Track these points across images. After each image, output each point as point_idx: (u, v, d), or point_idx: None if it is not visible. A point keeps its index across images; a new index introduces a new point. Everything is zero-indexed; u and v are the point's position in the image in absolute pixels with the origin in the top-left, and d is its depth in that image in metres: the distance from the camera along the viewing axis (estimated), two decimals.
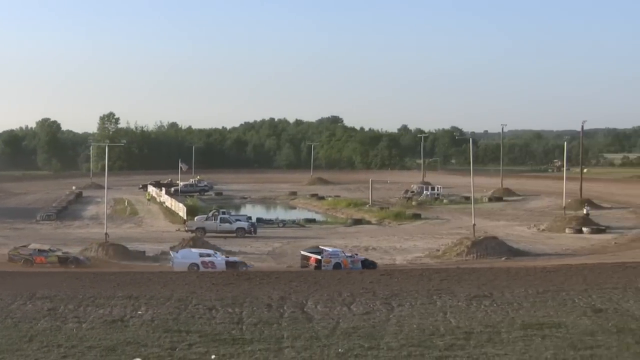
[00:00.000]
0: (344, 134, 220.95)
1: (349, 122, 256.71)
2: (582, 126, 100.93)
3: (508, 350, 18.33)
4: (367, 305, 25.51)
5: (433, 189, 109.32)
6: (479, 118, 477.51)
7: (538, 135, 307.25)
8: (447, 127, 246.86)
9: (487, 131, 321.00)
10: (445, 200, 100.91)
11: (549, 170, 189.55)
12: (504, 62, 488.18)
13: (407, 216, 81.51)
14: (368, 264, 46.20)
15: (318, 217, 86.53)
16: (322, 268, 44.66)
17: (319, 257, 45.88)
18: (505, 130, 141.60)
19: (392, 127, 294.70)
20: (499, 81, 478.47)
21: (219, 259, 46.10)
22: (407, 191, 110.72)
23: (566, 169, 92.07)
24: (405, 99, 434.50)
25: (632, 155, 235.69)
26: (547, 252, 56.16)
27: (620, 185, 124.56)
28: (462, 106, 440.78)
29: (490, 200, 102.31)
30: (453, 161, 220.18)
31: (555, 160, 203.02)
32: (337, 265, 45.37)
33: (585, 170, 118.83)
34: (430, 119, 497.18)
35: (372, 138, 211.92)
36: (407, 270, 42.11)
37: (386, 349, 18.32)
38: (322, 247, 49.24)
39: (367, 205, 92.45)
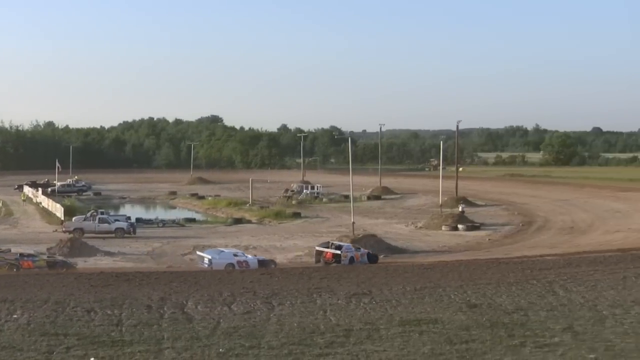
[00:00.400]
0: (224, 134, 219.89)
1: (228, 121, 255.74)
2: (457, 126, 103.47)
3: (387, 347, 18.59)
4: (248, 305, 25.46)
5: (313, 187, 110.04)
6: (358, 118, 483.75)
7: (415, 134, 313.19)
8: (326, 126, 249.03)
9: (365, 131, 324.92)
10: (324, 199, 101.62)
11: (426, 169, 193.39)
12: (383, 63, 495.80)
13: (287, 215, 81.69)
14: (372, 257, 48.69)
15: (198, 217, 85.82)
16: (341, 262, 46.73)
17: (337, 251, 47.97)
18: (384, 129, 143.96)
19: (271, 126, 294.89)
20: (378, 81, 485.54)
21: (252, 258, 46.94)
22: (287, 190, 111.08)
23: (442, 168, 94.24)
24: (285, 99, 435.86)
25: (505, 155, 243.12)
26: (425, 249, 57.33)
27: (493, 184, 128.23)
28: (342, 106, 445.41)
29: (369, 198, 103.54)
30: (332, 160, 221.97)
31: (431, 159, 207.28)
32: (352, 259, 47.47)
33: (460, 169, 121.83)
34: (309, 118, 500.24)
35: (252, 137, 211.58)
36: (287, 269, 42.23)
37: (267, 348, 18.34)
38: (336, 242, 51.21)
39: (248, 205, 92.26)
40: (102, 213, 69.82)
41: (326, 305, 25.36)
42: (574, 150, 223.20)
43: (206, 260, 45.78)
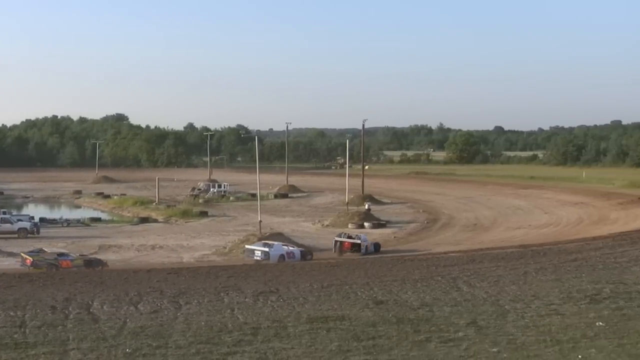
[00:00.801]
0: (130, 132, 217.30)
1: (134, 120, 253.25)
2: (363, 125, 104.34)
3: (294, 344, 18.61)
4: (155, 304, 25.16)
5: (220, 186, 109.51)
6: (265, 117, 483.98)
7: (322, 133, 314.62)
8: (233, 125, 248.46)
9: (272, 129, 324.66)
10: (231, 198, 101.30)
11: (332, 167, 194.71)
12: (289, 63, 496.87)
13: (194, 214, 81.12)
14: (377, 246, 53.57)
15: (104, 216, 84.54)
16: (361, 251, 51.72)
17: (357, 241, 53.07)
18: (290, 128, 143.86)
19: (178, 125, 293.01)
20: (284, 81, 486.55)
21: (296, 250, 50.11)
22: (194, 189, 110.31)
23: (348, 166, 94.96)
24: (192, 98, 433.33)
25: (410, 153, 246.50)
26: (332, 247, 57.52)
27: (399, 182, 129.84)
28: (248, 105, 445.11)
29: (276, 197, 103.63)
30: (239, 159, 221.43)
31: (338, 158, 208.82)
32: (366, 248, 52.74)
33: (366, 167, 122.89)
34: (216, 117, 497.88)
35: (158, 136, 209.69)
36: (194, 268, 41.90)
37: (174, 347, 18.15)
38: (350, 233, 56.72)
39: (154, 204, 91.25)
40: (4, 213, 68.12)
41: (234, 303, 25.24)
42: (477, 149, 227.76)
43: (259, 254, 47.76)
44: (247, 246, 51.44)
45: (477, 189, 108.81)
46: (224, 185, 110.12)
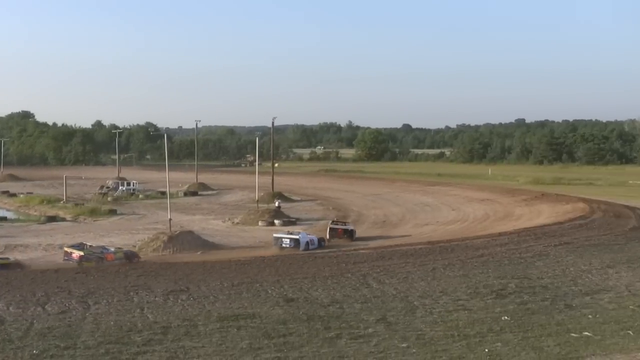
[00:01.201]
0: (36, 130, 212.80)
1: (41, 117, 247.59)
2: (273, 123, 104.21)
3: (205, 343, 18.54)
4: (63, 305, 24.71)
5: (129, 184, 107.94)
6: (174, 114, 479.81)
7: (231, 131, 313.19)
8: (142, 122, 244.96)
9: (181, 127, 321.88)
10: (141, 196, 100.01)
11: (242, 165, 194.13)
12: (197, 60, 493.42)
13: (102, 212, 79.74)
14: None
15: (9, 215, 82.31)
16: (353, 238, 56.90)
17: (350, 227, 59.12)
18: (200, 126, 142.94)
19: (86, 122, 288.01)
20: (193, 78, 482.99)
21: (314, 238, 53.79)
22: (102, 187, 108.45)
23: (258, 164, 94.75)
24: (99, 95, 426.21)
25: (319, 150, 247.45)
26: (242, 245, 57.28)
27: (308, 179, 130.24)
28: (157, 102, 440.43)
29: (185, 194, 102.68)
30: (148, 157, 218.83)
31: (247, 155, 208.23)
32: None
33: (276, 165, 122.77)
34: (125, 114, 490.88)
35: (66, 134, 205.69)
36: (103, 267, 41.28)
37: (83, 348, 17.87)
38: (339, 221, 61.83)
39: (62, 202, 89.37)
40: None
41: (143, 302, 25.00)
42: (386, 147, 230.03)
43: (288, 242, 51.20)
44: (274, 235, 54.65)
45: (386, 186, 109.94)
46: (133, 183, 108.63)
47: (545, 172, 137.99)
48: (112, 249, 46.75)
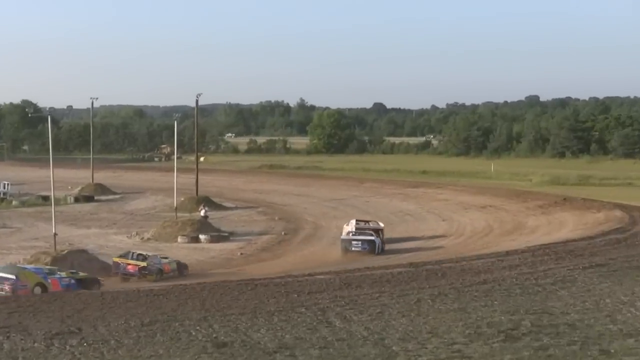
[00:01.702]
0: None
1: None
2: (197, 101, 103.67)
3: None
4: None
5: None
6: (61, 90, 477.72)
7: (140, 112, 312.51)
8: (16, 100, 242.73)
9: (72, 107, 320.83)
10: (14, 202, 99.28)
11: (156, 159, 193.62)
12: (95, 29, 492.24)
13: None
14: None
15: None
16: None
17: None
18: (97, 105, 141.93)
19: None
20: (88, 49, 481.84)
21: (378, 240, 61.55)
22: None
23: (178, 157, 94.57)
24: None
25: (261, 139, 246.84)
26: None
27: (247, 178, 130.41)
28: (38, 75, 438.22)
29: (77, 200, 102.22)
30: (25, 147, 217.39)
31: (163, 146, 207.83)
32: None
33: (202, 159, 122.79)
34: None
35: None
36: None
37: None
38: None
39: None
40: None
41: (17, 351, 24.57)
42: (351, 133, 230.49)
43: (359, 244, 60.60)
44: (343, 237, 60.81)
45: (352, 189, 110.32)
46: (4, 184, 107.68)
47: (568, 169, 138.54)
48: (168, 258, 53.60)
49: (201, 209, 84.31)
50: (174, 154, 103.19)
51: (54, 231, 58.10)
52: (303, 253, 65.25)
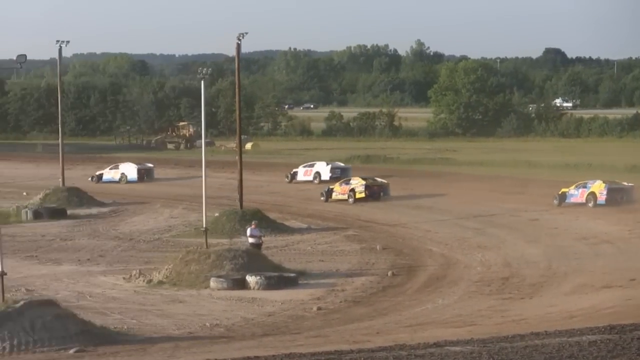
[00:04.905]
0: None
1: None
2: (239, 46, 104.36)
3: None
4: None
5: None
6: (9, 27, 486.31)
7: (141, 65, 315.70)
8: None
9: (25, 56, 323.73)
10: None
11: (169, 145, 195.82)
12: None
13: None
14: None
15: None
16: None
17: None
18: (68, 54, 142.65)
19: None
20: None
21: None
22: None
23: (206, 143, 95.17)
24: None
25: (349, 111, 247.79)
26: (171, 334, 57.48)
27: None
28: None
29: (38, 216, 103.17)
30: None
31: (181, 124, 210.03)
32: None
33: (248, 146, 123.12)
34: None
35: None
36: None
37: None
38: None
39: None
40: None
41: None
42: (507, 101, 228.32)
43: None
44: None
45: (508, 197, 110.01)
46: None
47: None
48: None
49: (249, 230, 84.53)
50: (199, 138, 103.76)
51: (0, 268, 58.98)
52: (424, 308, 65.08)
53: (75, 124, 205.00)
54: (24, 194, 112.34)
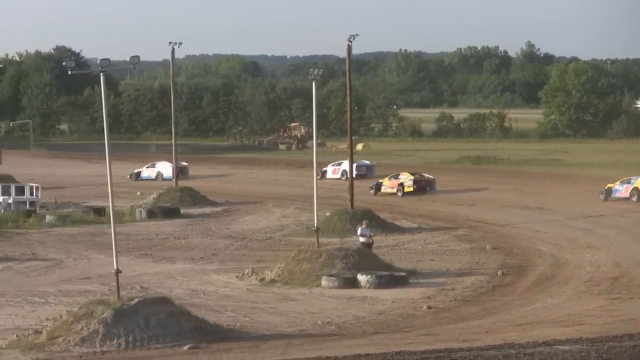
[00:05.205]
0: None
1: None
2: (349, 47, 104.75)
3: None
4: None
5: (21, 190, 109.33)
6: (120, 32, 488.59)
7: (253, 67, 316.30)
8: (46, 49, 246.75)
9: (138, 58, 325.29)
10: (48, 217, 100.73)
11: (281, 146, 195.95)
12: None
13: None
14: None
15: None
16: None
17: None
18: (180, 55, 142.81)
19: None
20: None
21: None
22: None
23: (317, 143, 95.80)
24: None
25: (459, 112, 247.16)
26: (284, 331, 57.56)
27: (439, 179, 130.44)
28: (73, 9, 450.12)
29: (152, 215, 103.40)
30: (64, 126, 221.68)
31: (292, 124, 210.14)
32: None
33: (359, 147, 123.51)
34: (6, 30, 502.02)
35: None
36: None
37: None
38: None
39: None
40: None
41: None
42: (618, 102, 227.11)
43: None
44: None
45: (620, 199, 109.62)
46: (31, 188, 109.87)
47: None
48: None
49: (359, 229, 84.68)
50: (311, 139, 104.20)
51: (115, 267, 59.35)
52: (534, 307, 64.96)
53: (188, 125, 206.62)
54: (138, 193, 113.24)
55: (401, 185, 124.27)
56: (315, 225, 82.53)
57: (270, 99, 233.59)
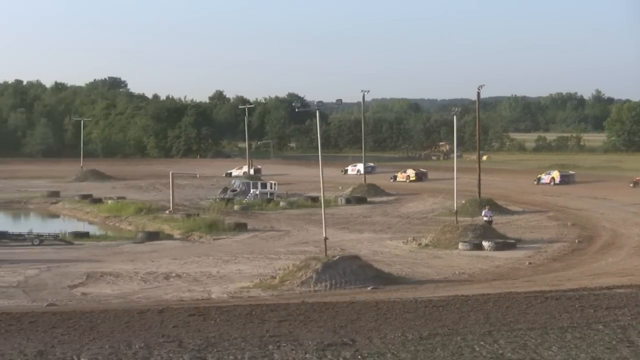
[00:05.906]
0: (129, 105, 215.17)
1: (135, 86, 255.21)
2: (479, 94, 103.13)
3: None
4: None
5: (264, 185, 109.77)
6: (329, 83, 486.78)
7: (416, 106, 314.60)
8: (282, 94, 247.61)
9: (341, 101, 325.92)
10: (282, 203, 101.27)
11: (433, 157, 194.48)
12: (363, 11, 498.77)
13: (226, 227, 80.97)
14: None
15: (93, 230, 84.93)
16: None
17: None
18: (368, 99, 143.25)
19: (201, 94, 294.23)
20: (353, 41, 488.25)
21: None
22: (225, 190, 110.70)
23: (457, 156, 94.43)
24: (218, 56, 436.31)
25: (550, 135, 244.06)
26: (433, 278, 57.30)
27: (533, 178, 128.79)
28: (303, 66, 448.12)
29: (348, 201, 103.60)
30: (292, 145, 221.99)
31: (441, 143, 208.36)
32: None
33: (484, 158, 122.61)
34: (256, 84, 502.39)
35: (173, 111, 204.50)
36: (228, 307, 42.00)
37: None
38: None
39: (167, 212, 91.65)
40: None
41: None
42: None
43: None
44: None
45: None
46: (271, 184, 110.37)
47: None
48: None
49: (484, 213, 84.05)
50: (452, 152, 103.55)
51: (324, 235, 59.13)
52: (600, 264, 64.05)
53: (373, 143, 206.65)
54: (339, 188, 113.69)
55: (408, 176, 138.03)
56: (455, 208, 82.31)
57: (426, 127, 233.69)
